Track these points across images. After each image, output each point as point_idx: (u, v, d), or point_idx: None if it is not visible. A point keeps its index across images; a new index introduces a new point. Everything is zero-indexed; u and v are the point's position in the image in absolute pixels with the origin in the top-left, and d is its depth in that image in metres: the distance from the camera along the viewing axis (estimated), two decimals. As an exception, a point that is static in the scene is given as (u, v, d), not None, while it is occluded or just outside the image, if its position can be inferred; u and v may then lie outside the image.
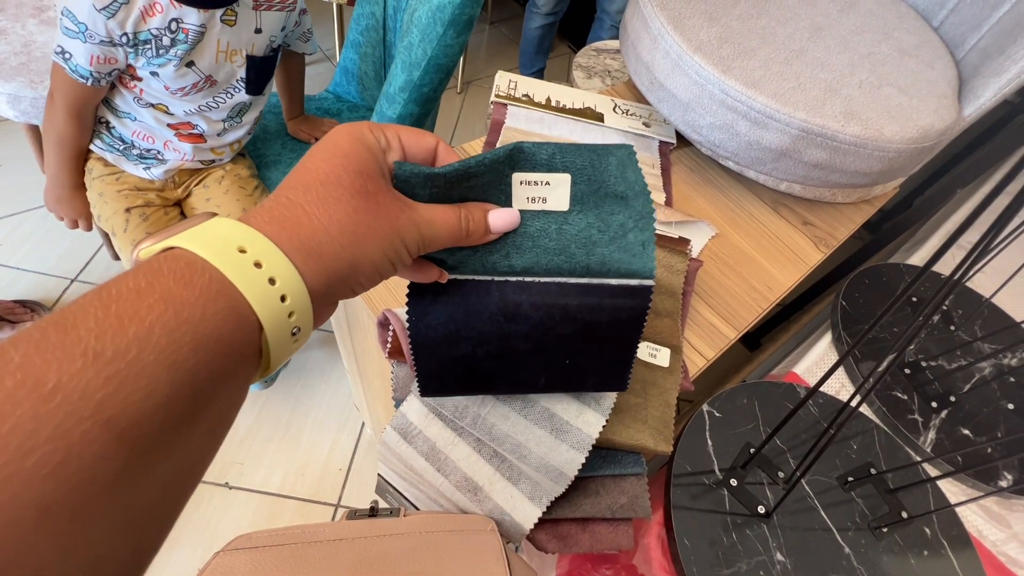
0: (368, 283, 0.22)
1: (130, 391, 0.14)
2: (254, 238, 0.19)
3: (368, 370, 0.76)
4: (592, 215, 0.26)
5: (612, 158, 0.26)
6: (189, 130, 0.81)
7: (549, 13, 1.63)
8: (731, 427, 0.57)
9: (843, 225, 0.68)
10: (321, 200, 0.20)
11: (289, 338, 0.19)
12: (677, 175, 0.68)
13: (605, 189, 0.26)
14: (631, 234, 0.26)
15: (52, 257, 1.24)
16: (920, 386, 0.64)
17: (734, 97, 0.55)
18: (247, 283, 0.18)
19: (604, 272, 0.27)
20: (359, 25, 0.99)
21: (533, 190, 0.26)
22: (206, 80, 0.75)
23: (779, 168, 0.59)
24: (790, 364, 0.71)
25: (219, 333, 0.17)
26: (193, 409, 0.16)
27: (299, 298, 0.19)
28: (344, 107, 1.10)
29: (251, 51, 0.76)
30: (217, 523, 0.98)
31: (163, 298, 0.16)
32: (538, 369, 0.30)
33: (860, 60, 0.61)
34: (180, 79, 0.73)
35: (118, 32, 0.66)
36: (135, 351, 0.15)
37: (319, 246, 0.20)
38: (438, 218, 0.24)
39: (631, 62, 0.67)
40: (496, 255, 0.26)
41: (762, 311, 0.57)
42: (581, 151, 0.26)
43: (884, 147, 0.54)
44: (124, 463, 0.14)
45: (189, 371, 0.16)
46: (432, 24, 0.67)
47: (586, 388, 0.32)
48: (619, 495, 0.38)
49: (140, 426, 0.14)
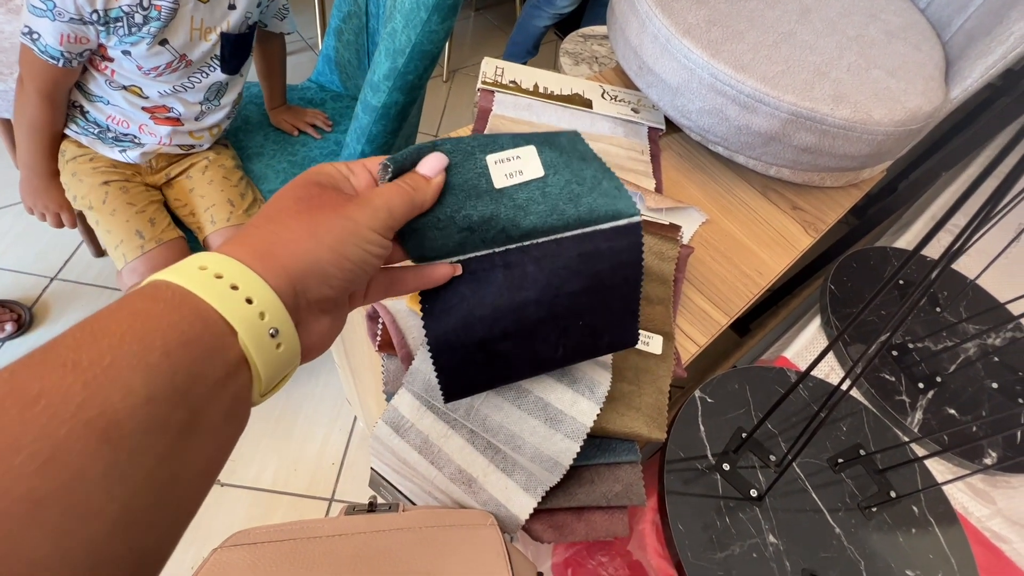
0: (341, 273, 0.23)
1: (107, 393, 0.15)
2: (214, 258, 0.20)
3: (358, 364, 0.75)
4: (567, 172, 0.29)
5: (561, 137, 0.29)
6: (165, 113, 0.78)
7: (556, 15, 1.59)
8: (723, 412, 0.57)
9: (832, 209, 0.68)
10: (268, 218, 0.23)
11: (270, 342, 0.20)
12: (667, 161, 0.67)
13: (567, 154, 0.29)
14: (604, 182, 0.29)
15: (30, 255, 1.20)
16: (907, 367, 0.65)
17: (723, 81, 0.54)
18: (208, 291, 0.19)
19: (594, 219, 0.29)
20: (340, 12, 0.97)
21: (507, 166, 0.28)
22: (180, 59, 0.72)
23: (768, 153, 0.59)
24: (780, 348, 0.71)
25: (187, 337, 0.18)
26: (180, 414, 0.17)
27: (266, 299, 0.20)
28: (327, 96, 1.07)
29: (225, 28, 0.73)
30: (209, 521, 0.97)
31: (132, 313, 0.17)
32: (554, 338, 0.31)
33: (848, 42, 0.60)
34: (153, 58, 0.70)
35: (88, 9, 0.63)
36: (109, 358, 0.16)
37: (272, 248, 0.21)
38: (382, 189, 0.25)
39: (619, 47, 0.66)
40: (493, 231, 0.28)
41: (753, 296, 0.57)
42: (533, 135, 0.28)
43: (873, 130, 0.54)
44: (111, 461, 0.15)
45: (165, 373, 0.17)
46: (416, 9, 0.66)
47: (601, 350, 0.33)
48: (613, 483, 0.38)
49: (121, 426, 0.15)
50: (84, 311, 1.15)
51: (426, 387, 0.36)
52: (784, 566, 0.46)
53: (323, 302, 0.23)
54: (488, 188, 0.28)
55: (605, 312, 0.31)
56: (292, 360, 0.22)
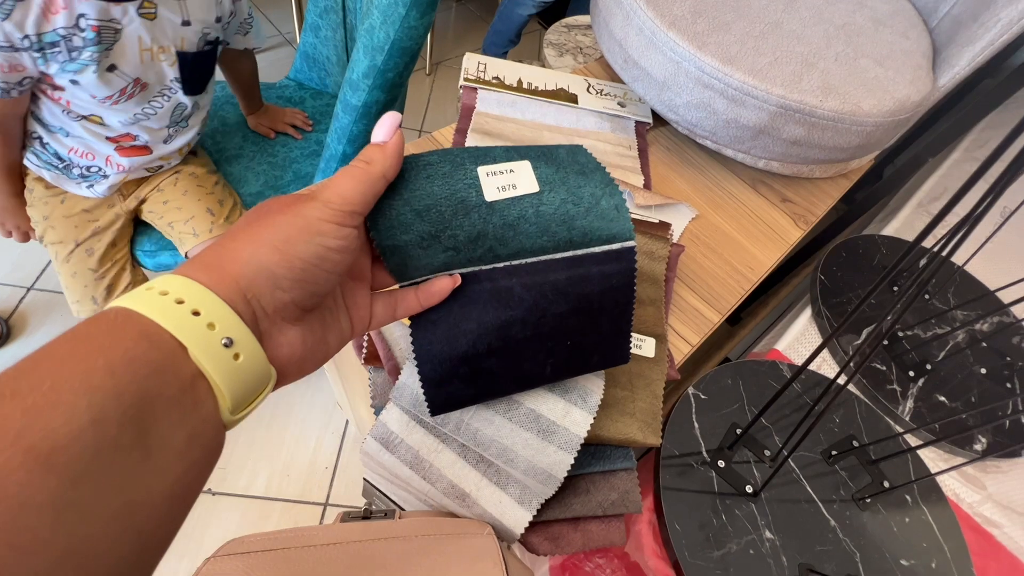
0: (292, 272, 0.21)
1: (48, 418, 0.15)
2: (162, 279, 0.20)
3: (348, 372, 0.74)
4: (563, 190, 0.27)
5: (560, 149, 0.28)
6: (131, 142, 0.74)
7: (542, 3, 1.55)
8: (717, 408, 0.57)
9: (821, 201, 0.67)
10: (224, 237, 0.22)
11: (224, 352, 0.19)
12: (655, 156, 0.66)
13: (565, 169, 0.27)
14: (603, 201, 0.27)
15: (5, 265, 1.17)
16: (898, 356, 0.65)
17: (710, 74, 0.53)
18: (152, 307, 0.18)
19: (587, 242, 0.28)
20: (317, 6, 0.94)
21: (500, 179, 0.26)
22: (135, 83, 0.67)
23: (757, 146, 0.58)
24: (772, 341, 0.71)
25: (132, 355, 0.17)
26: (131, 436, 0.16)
27: (213, 309, 0.19)
28: (307, 95, 1.05)
29: (181, 47, 0.68)
30: (202, 532, 0.96)
31: (74, 336, 0.17)
32: (541, 356, 0.30)
33: (835, 31, 0.59)
34: (105, 86, 0.65)
35: (18, 35, 0.57)
36: (49, 382, 0.15)
37: (218, 259, 0.21)
38: (333, 176, 0.24)
39: (604, 40, 0.64)
40: (481, 250, 0.27)
41: (744, 292, 0.56)
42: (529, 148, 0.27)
43: (862, 121, 0.54)
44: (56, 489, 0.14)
45: (110, 393, 0.16)
46: (393, 5, 0.64)
47: (591, 368, 0.32)
48: (609, 491, 0.38)
49: (66, 451, 0.15)
50: (63, 321, 1.12)
51: (414, 401, 0.35)
52: (781, 562, 0.46)
53: (283, 310, 0.22)
54: (478, 202, 0.26)
55: (594, 333, 0.30)
56: (259, 373, 0.21)
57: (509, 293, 0.28)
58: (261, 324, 0.21)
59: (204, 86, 0.76)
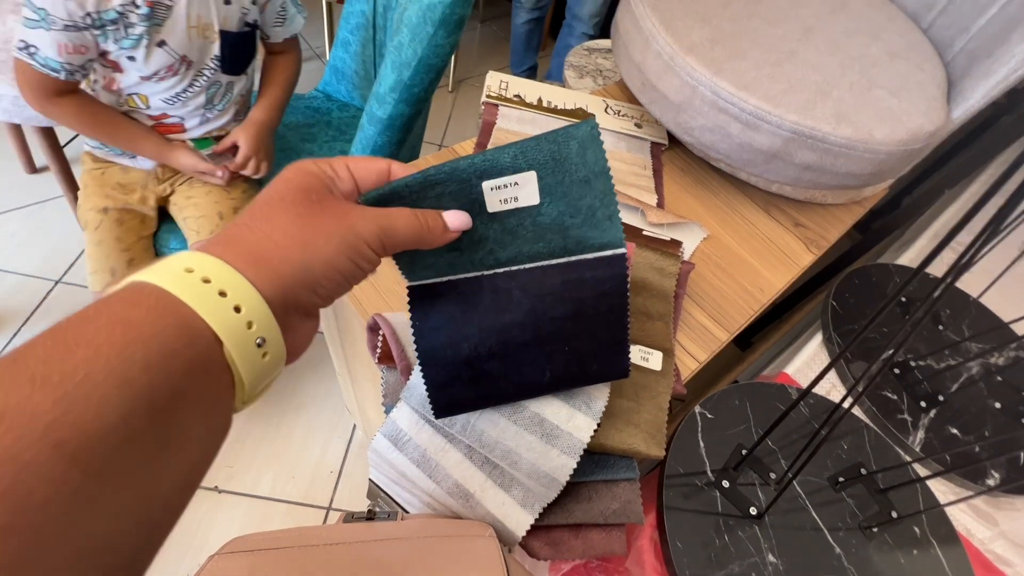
0: (330, 283, 0.22)
1: (80, 411, 0.14)
2: (202, 259, 0.19)
3: (359, 374, 0.75)
4: (562, 203, 0.28)
5: (573, 142, 0.27)
6: (167, 120, 0.78)
7: (533, 8, 1.61)
8: (723, 428, 0.57)
9: (834, 226, 0.68)
10: (264, 216, 0.21)
11: (256, 351, 0.19)
12: (669, 176, 0.67)
13: (570, 177, 0.28)
14: (599, 212, 0.28)
15: (36, 258, 1.21)
16: (909, 386, 0.65)
17: (726, 99, 0.55)
18: (194, 297, 0.18)
19: (580, 249, 0.29)
20: (349, 23, 0.98)
21: (503, 192, 0.27)
22: (181, 60, 0.72)
23: (770, 170, 0.59)
24: (781, 364, 0.71)
25: (171, 349, 0.16)
26: (156, 430, 0.16)
27: (255, 307, 0.19)
28: (334, 107, 1.09)
29: (224, 26, 0.73)
30: (208, 528, 0.97)
31: (110, 321, 0.16)
32: (541, 362, 0.31)
33: (850, 62, 0.61)
34: (154, 62, 0.70)
35: (80, 13, 0.62)
36: (83, 372, 0.15)
37: (266, 252, 0.20)
38: (394, 211, 0.24)
39: (623, 63, 0.66)
40: (481, 252, 0.29)
41: (754, 313, 0.57)
42: (541, 145, 0.27)
43: (874, 149, 0.54)
44: (79, 485, 0.14)
45: (143, 389, 0.15)
46: (422, 24, 0.67)
47: (591, 378, 0.33)
48: (611, 501, 0.38)
49: (93, 446, 0.14)
50: (88, 315, 1.15)
51: (422, 402, 0.36)
52: (783, 586, 0.46)
53: (309, 307, 0.22)
54: (480, 212, 0.28)
55: (591, 340, 0.31)
56: (276, 367, 0.21)
57: (508, 297, 0.29)
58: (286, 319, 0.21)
59: (241, 68, 0.79)
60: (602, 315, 0.30)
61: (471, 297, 0.29)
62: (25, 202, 1.29)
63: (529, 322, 0.30)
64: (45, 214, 1.28)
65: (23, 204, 1.28)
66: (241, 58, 0.79)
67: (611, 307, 0.30)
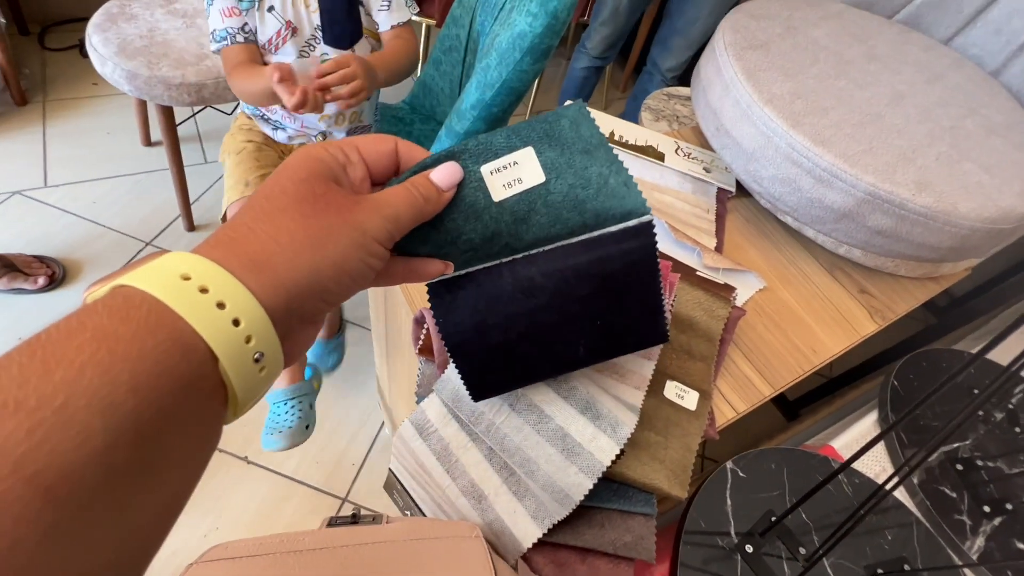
0: (339, 288, 0.20)
1: (57, 441, 0.13)
2: (199, 264, 0.17)
3: (398, 368, 0.78)
4: (570, 175, 0.26)
5: (564, 120, 0.26)
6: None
7: (598, 57, 1.64)
8: (754, 490, 0.54)
9: (903, 299, 0.64)
10: (266, 214, 0.19)
11: (252, 367, 0.18)
12: (731, 223, 0.67)
13: (569, 149, 0.26)
14: (611, 179, 0.26)
15: (135, 220, 1.35)
16: (973, 486, 0.59)
17: (800, 152, 0.54)
18: (191, 310, 0.16)
19: (601, 223, 0.27)
20: (443, 44, 1.05)
21: (504, 175, 0.26)
22: (287, 26, 0.78)
23: (839, 229, 0.57)
24: (827, 437, 0.67)
25: (161, 368, 0.15)
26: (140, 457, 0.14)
27: (255, 321, 0.17)
28: (417, 118, 1.15)
29: None
30: (230, 495, 1.01)
31: (95, 337, 0.14)
32: (573, 338, 0.30)
33: (941, 132, 0.59)
34: (265, 28, 0.77)
35: None
36: (63, 397, 0.13)
37: (270, 258, 0.18)
38: (392, 197, 0.23)
39: (699, 106, 0.67)
40: (497, 247, 0.27)
41: (803, 373, 0.54)
42: (532, 125, 0.26)
43: (956, 223, 0.52)
44: (54, 523, 0.13)
45: (130, 413, 0.14)
46: (511, 50, 0.71)
47: (628, 348, 0.32)
48: (624, 532, 0.37)
49: (72, 480, 0.13)
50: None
51: (454, 397, 0.37)
52: (799, 672, 0.42)
53: (315, 314, 0.21)
54: (487, 203, 0.26)
55: (623, 313, 0.30)
56: (272, 381, 0.19)
57: (531, 283, 0.28)
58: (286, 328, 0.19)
59: (344, 43, 0.82)
60: (633, 288, 0.29)
61: (491, 286, 0.28)
62: (136, 170, 1.44)
63: (555, 305, 0.29)
64: (151, 183, 1.42)
65: (134, 171, 1.44)
66: (343, 30, 0.80)
67: (642, 278, 0.28)
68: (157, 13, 1.15)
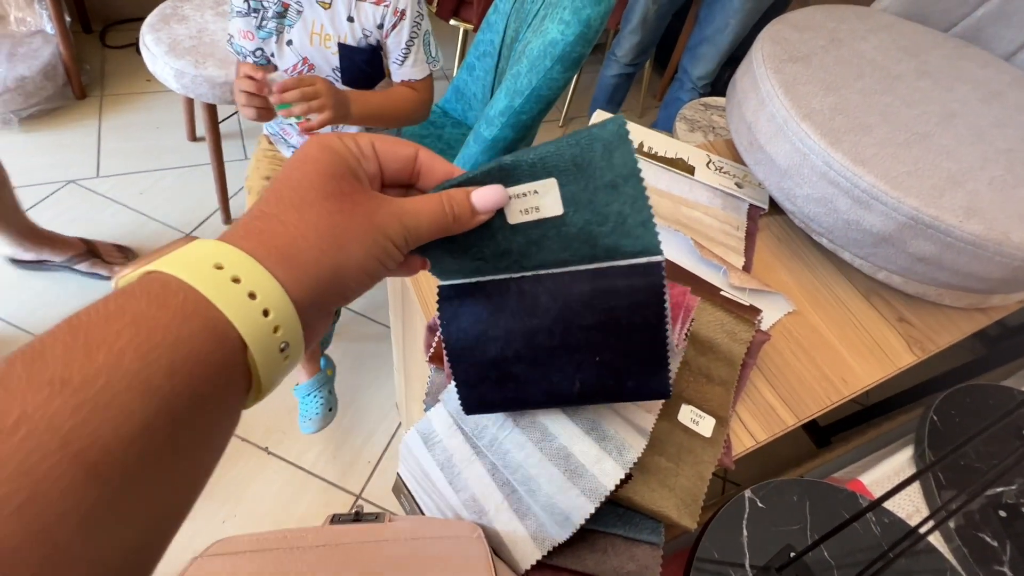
0: (358, 286, 0.21)
1: (100, 421, 0.13)
2: (231, 254, 0.18)
3: (412, 372, 0.78)
4: (588, 212, 0.26)
5: (598, 144, 0.25)
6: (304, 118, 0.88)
7: (628, 64, 1.62)
8: (773, 522, 0.51)
9: (947, 331, 0.60)
10: (294, 206, 0.20)
11: (278, 355, 0.18)
12: (762, 242, 0.64)
13: (595, 183, 0.25)
14: (630, 219, 0.26)
15: (176, 212, 1.40)
16: (1017, 535, 0.55)
17: (838, 171, 0.51)
18: (225, 299, 0.17)
19: (611, 257, 0.27)
20: (477, 50, 1.05)
21: (523, 202, 0.26)
22: (303, 62, 0.80)
23: (878, 254, 0.54)
24: (858, 470, 0.63)
25: (197, 355, 0.16)
26: (176, 437, 0.15)
27: (283, 311, 0.18)
28: (448, 122, 1.16)
29: (343, 39, 0.78)
30: (248, 484, 1.03)
31: (134, 321, 0.15)
32: (569, 371, 0.30)
33: (996, 155, 0.55)
34: (283, 59, 0.79)
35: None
36: (104, 378, 0.14)
37: (299, 254, 0.19)
38: (420, 206, 0.23)
39: (733, 120, 0.65)
40: (507, 261, 0.28)
41: (831, 403, 0.51)
42: (562, 149, 0.25)
43: (1009, 253, 0.48)
44: (97, 499, 0.13)
45: (165, 397, 0.15)
46: (542, 57, 0.70)
47: (625, 394, 0.31)
48: (628, 560, 0.36)
49: (114, 458, 0.13)
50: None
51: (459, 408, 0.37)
52: None
53: (332, 307, 0.22)
54: (501, 224, 0.26)
55: (624, 354, 0.29)
56: (291, 368, 0.20)
57: (535, 301, 0.28)
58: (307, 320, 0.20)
59: (361, 85, 0.84)
60: (636, 328, 0.28)
61: (498, 299, 0.29)
62: (181, 164, 1.50)
63: (556, 329, 0.29)
64: (194, 176, 1.48)
65: (179, 165, 1.50)
66: (361, 74, 0.82)
67: (646, 320, 0.28)
68: (207, 15, 1.20)
